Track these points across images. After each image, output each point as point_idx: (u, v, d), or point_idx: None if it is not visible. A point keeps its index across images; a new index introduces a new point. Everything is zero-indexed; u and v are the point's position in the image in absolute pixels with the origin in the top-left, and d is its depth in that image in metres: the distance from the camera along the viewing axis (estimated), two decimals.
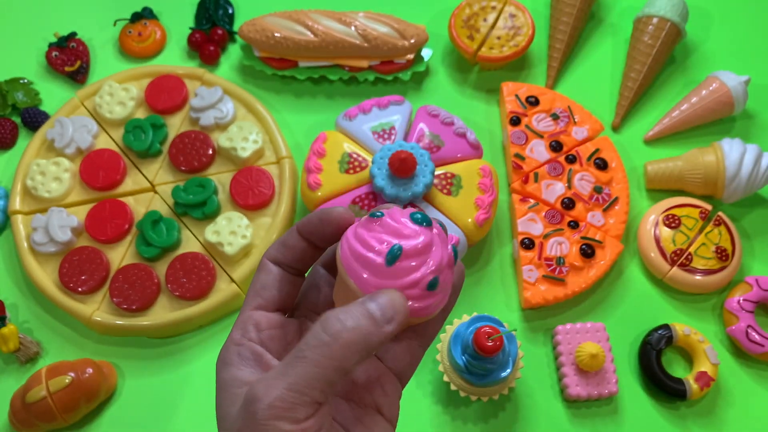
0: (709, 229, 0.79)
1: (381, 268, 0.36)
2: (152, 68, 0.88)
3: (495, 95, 0.90)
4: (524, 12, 0.89)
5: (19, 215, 0.80)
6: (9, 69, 0.91)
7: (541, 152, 0.82)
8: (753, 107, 0.89)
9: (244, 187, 0.80)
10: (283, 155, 0.82)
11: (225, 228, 0.77)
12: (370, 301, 0.35)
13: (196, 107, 0.84)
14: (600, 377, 0.72)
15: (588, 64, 0.92)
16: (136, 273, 0.76)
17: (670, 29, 0.87)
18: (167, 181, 0.82)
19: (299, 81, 0.90)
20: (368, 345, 0.34)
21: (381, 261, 0.36)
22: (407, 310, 0.36)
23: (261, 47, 0.86)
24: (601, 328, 0.74)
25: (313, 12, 0.87)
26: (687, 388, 0.72)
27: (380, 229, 0.37)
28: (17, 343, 0.74)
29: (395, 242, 0.36)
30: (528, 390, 0.74)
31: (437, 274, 0.36)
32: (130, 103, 0.85)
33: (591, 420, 0.73)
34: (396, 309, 0.35)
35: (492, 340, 0.63)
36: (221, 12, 0.94)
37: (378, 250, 0.36)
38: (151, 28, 0.93)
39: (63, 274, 0.76)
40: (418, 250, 0.36)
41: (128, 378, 0.75)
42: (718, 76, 0.86)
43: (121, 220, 0.79)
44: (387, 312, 0.35)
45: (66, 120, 0.83)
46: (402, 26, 0.86)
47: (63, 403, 0.69)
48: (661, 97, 0.90)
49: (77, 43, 0.91)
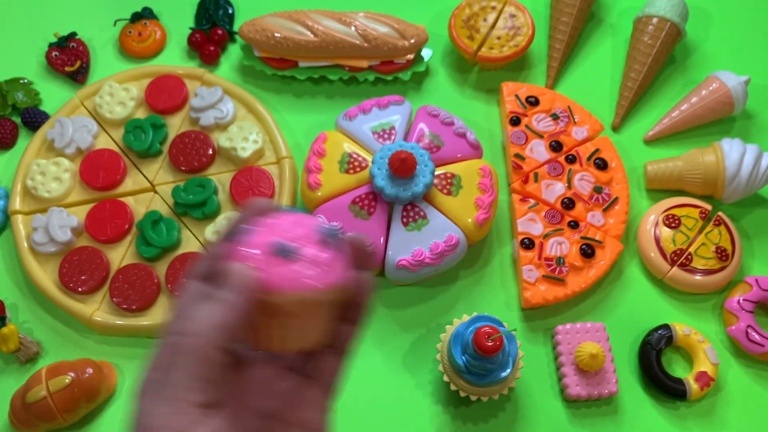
0: (709, 229, 0.79)
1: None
2: (152, 68, 0.88)
3: (495, 95, 0.90)
4: (524, 12, 0.89)
5: (19, 215, 0.80)
6: (9, 69, 0.91)
7: (541, 152, 0.82)
8: (753, 107, 0.89)
9: (244, 187, 0.80)
10: (283, 155, 0.83)
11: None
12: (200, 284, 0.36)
13: (196, 107, 0.84)
14: (600, 377, 0.72)
15: (588, 64, 0.92)
16: (136, 273, 0.76)
17: (670, 29, 0.87)
18: (167, 181, 0.82)
19: (299, 81, 0.90)
20: (217, 324, 0.34)
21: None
22: (248, 275, 0.36)
23: (261, 47, 0.86)
24: (601, 328, 0.74)
25: (313, 12, 0.87)
26: (687, 388, 0.72)
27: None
28: (17, 343, 0.74)
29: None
30: (528, 390, 0.74)
31: (291, 242, 0.37)
32: (130, 103, 0.85)
33: (591, 420, 0.73)
34: (234, 277, 0.35)
35: (492, 340, 0.63)
36: (221, 12, 0.94)
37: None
38: (151, 28, 0.93)
39: (63, 274, 0.76)
40: (266, 224, 0.38)
41: (128, 378, 0.75)
42: (718, 76, 0.86)
43: (121, 220, 0.79)
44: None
45: (66, 120, 0.83)
46: (402, 26, 0.86)
47: (63, 403, 0.69)
48: (661, 97, 0.90)
49: (77, 43, 0.91)
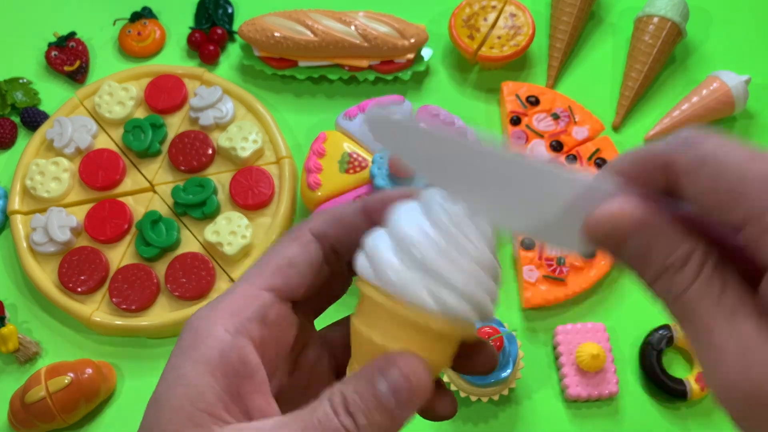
0: None
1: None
2: (152, 68, 0.88)
3: (495, 95, 0.89)
4: (524, 11, 0.89)
5: (18, 215, 0.80)
6: (8, 68, 0.90)
7: (541, 152, 0.82)
8: (753, 107, 0.89)
9: (243, 187, 0.80)
10: (282, 155, 0.82)
11: (225, 228, 0.77)
12: (380, 375, 0.27)
13: (196, 107, 0.84)
14: (600, 377, 0.72)
15: (588, 63, 0.92)
16: (135, 273, 0.76)
17: (671, 29, 0.87)
18: (167, 180, 0.82)
19: (299, 81, 0.90)
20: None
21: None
22: (428, 381, 0.28)
23: (261, 47, 0.86)
24: (602, 329, 0.74)
25: (313, 11, 0.87)
26: (687, 388, 0.72)
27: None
28: (16, 344, 0.74)
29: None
30: (528, 390, 0.74)
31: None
32: (129, 103, 0.85)
33: (591, 420, 0.73)
34: (418, 384, 0.27)
35: (492, 340, 0.63)
36: (221, 11, 0.94)
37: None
38: (150, 28, 0.92)
39: (62, 274, 0.76)
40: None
41: (127, 378, 0.75)
42: (719, 75, 0.85)
43: (120, 220, 0.79)
44: (403, 396, 0.27)
45: (65, 120, 0.83)
46: (402, 26, 0.86)
47: (62, 404, 0.69)
48: (662, 97, 0.90)
49: (77, 43, 0.91)
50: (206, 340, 0.27)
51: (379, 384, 0.27)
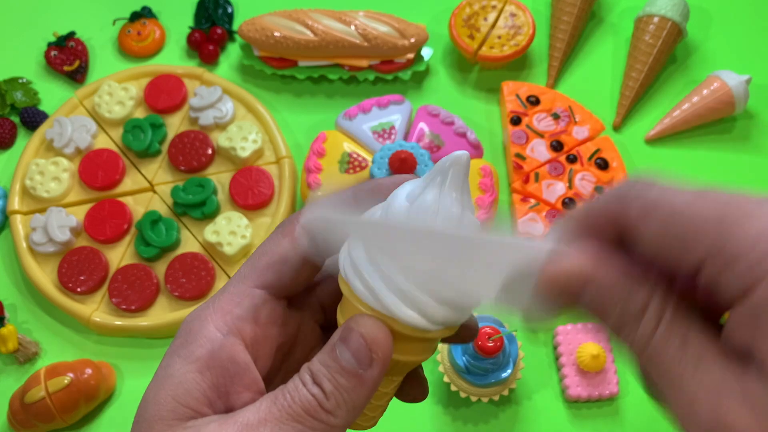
0: None
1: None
2: (151, 68, 0.88)
3: (495, 95, 0.89)
4: (525, 11, 0.88)
5: (17, 215, 0.79)
6: (8, 68, 0.90)
7: (541, 152, 0.82)
8: (754, 107, 0.89)
9: (243, 187, 0.79)
10: (282, 155, 0.82)
11: (224, 228, 0.77)
12: (340, 342, 0.28)
13: (196, 107, 0.84)
14: (601, 378, 0.72)
15: (589, 63, 0.92)
16: (135, 273, 0.76)
17: (671, 29, 0.87)
18: (166, 180, 0.82)
19: (299, 80, 0.90)
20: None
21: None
22: (386, 337, 0.28)
23: (260, 46, 0.86)
24: (602, 329, 0.74)
25: (312, 11, 0.86)
26: None
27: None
28: (16, 344, 0.74)
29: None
30: (528, 391, 0.74)
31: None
32: (129, 103, 0.85)
33: (592, 421, 0.73)
34: (376, 344, 0.27)
35: (492, 340, 0.63)
36: (221, 11, 0.94)
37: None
38: (150, 28, 0.92)
39: (62, 274, 0.76)
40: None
41: (127, 378, 0.75)
42: (719, 75, 0.85)
43: (120, 220, 0.78)
44: (363, 356, 0.27)
45: (65, 120, 0.83)
46: (402, 25, 0.86)
47: (62, 404, 0.69)
48: (662, 97, 0.90)
49: (76, 43, 0.91)
50: (197, 340, 0.28)
51: (339, 350, 0.27)
